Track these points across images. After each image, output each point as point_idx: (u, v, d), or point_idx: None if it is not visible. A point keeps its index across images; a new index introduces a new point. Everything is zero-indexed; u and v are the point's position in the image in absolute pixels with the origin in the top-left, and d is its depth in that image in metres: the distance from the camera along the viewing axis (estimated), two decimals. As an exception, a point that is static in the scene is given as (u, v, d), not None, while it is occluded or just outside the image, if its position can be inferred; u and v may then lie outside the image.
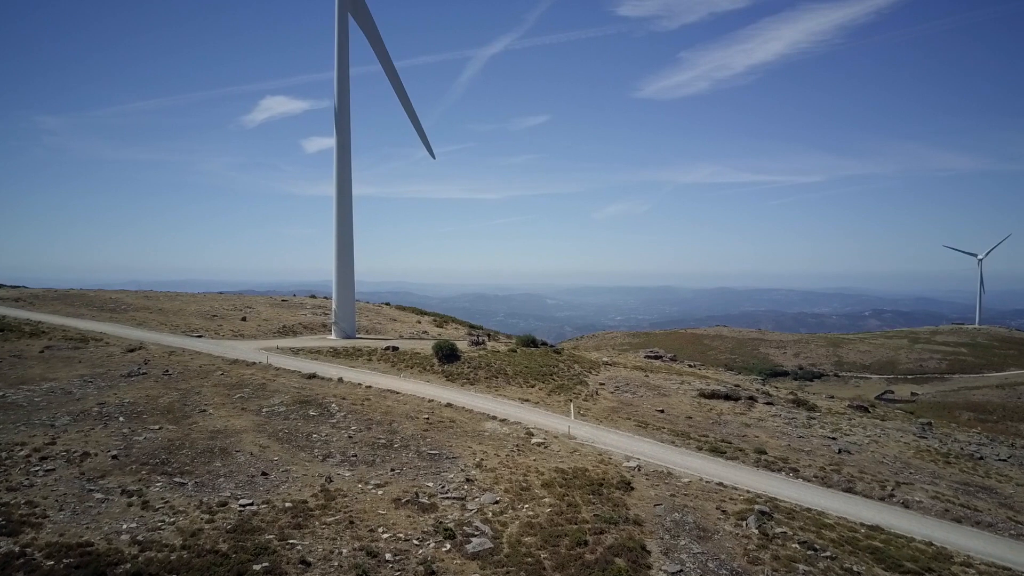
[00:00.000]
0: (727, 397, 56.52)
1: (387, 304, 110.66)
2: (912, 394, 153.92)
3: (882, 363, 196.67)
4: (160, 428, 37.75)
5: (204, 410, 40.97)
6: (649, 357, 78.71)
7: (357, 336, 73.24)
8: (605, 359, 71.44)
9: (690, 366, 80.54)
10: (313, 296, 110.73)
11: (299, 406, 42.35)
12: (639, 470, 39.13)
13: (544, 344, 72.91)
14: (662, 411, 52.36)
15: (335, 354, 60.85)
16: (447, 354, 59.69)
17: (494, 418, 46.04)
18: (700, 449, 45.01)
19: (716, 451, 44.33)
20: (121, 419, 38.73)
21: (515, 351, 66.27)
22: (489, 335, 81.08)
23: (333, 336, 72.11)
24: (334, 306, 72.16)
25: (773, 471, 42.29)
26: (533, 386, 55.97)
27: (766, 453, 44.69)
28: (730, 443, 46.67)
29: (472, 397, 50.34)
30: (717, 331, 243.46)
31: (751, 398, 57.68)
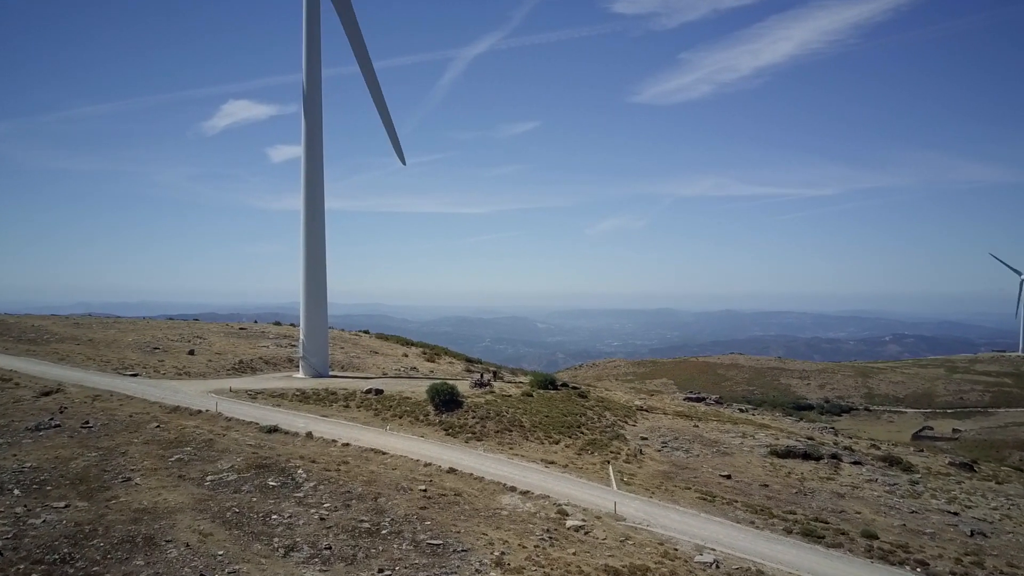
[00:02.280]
0: (806, 456, 49.42)
1: (365, 332, 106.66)
2: (954, 431, 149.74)
3: (917, 395, 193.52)
4: (67, 506, 32.67)
5: (129, 479, 36.26)
6: (691, 399, 72.67)
7: (330, 374, 70.32)
8: (637, 401, 64.84)
9: (740, 411, 73.43)
10: (277, 323, 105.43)
11: (255, 473, 37.71)
12: (717, 567, 31.63)
13: (565, 386, 66.11)
14: (728, 476, 44.80)
15: (303, 398, 56.32)
16: (446, 400, 53.85)
17: (513, 489, 39.31)
18: (789, 532, 37.40)
19: (811, 534, 36.50)
20: (16, 492, 34.06)
21: (530, 395, 60.46)
22: (495, 373, 74.43)
23: (301, 374, 69.04)
24: (302, 336, 69.18)
25: (893, 565, 34.59)
26: (558, 442, 49.61)
27: (877, 537, 36.83)
28: (826, 522, 38.96)
29: (481, 458, 44.88)
30: (732, 359, 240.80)
31: (834, 456, 50.53)
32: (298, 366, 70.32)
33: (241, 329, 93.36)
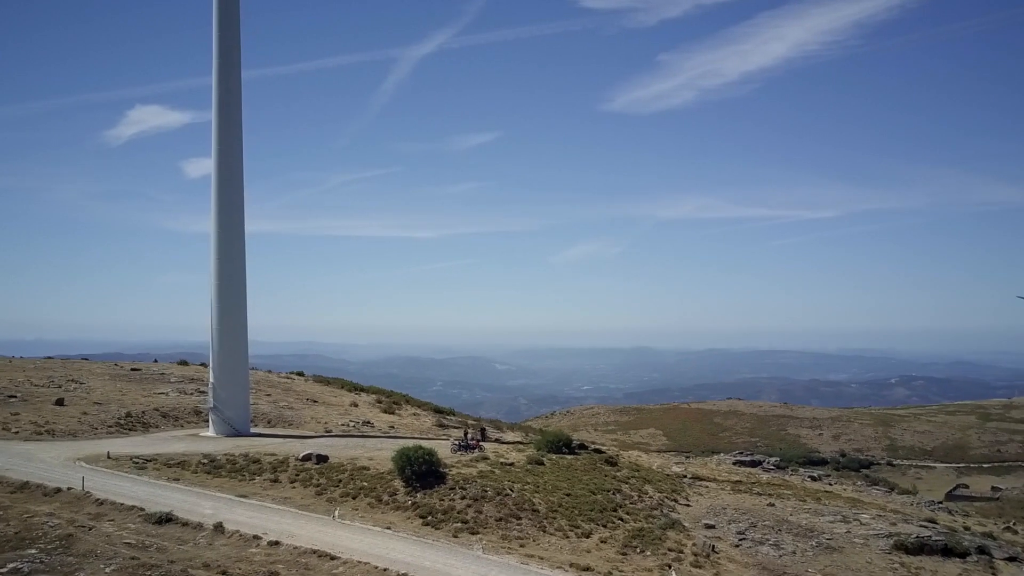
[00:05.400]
0: (946, 551, 41.59)
1: (299, 375, 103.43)
2: (993, 489, 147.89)
3: (947, 447, 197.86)
4: None
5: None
6: (742, 463, 66.70)
7: (253, 432, 67.06)
8: (676, 468, 59.84)
9: (812, 478, 66.71)
10: (183, 362, 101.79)
11: (132, 596, 34.51)
12: None
13: (584, 448, 59.88)
14: (848, 588, 35.08)
15: (212, 468, 51.57)
16: (421, 471, 47.34)
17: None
18: None
19: None
20: None
21: (540, 462, 53.80)
22: (483, 431, 68.34)
23: (211, 432, 65.64)
24: (212, 379, 66.38)
25: None
26: (589, 534, 42.40)
27: None
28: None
29: (481, 563, 38.69)
30: (730, 406, 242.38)
31: (982, 550, 42.39)
32: (208, 421, 66.82)
33: (134, 370, 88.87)
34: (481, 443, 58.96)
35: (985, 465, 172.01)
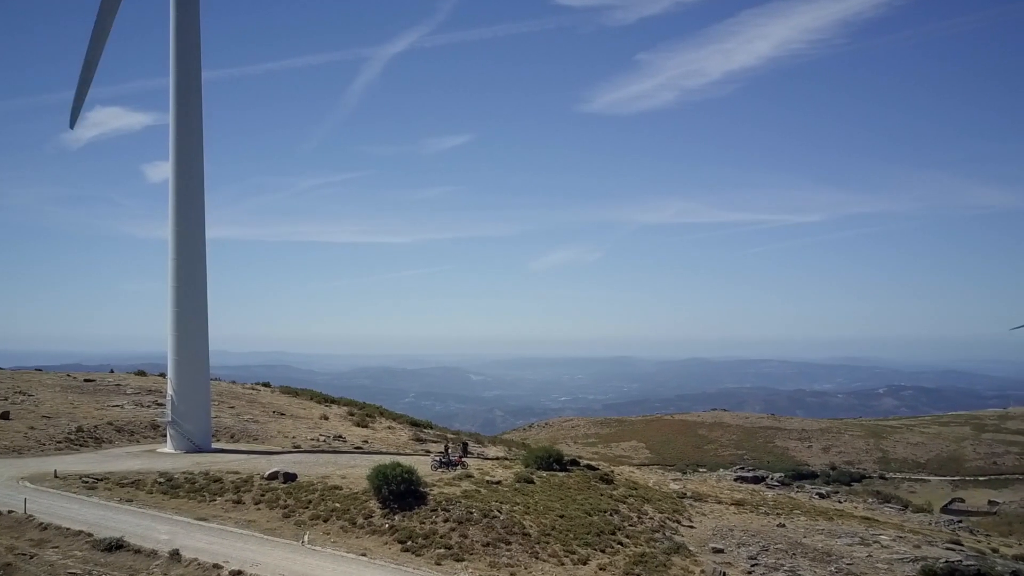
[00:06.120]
0: None
1: (266, 385, 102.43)
2: (990, 503, 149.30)
3: (942, 459, 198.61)
4: None
5: None
6: (744, 479, 65.39)
7: (214, 447, 66.30)
8: (674, 485, 59.10)
9: (820, 495, 65.72)
10: (141, 373, 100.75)
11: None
12: None
13: (576, 464, 58.29)
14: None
15: (170, 488, 50.48)
16: (399, 491, 45.70)
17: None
18: None
19: None
20: None
21: (529, 480, 52.01)
22: (466, 445, 66.78)
23: (169, 447, 64.89)
24: (170, 391, 65.40)
25: None
26: (586, 560, 40.84)
27: None
28: None
29: None
30: (715, 417, 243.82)
31: (1017, 575, 39.46)
32: (166, 435, 65.84)
33: (87, 381, 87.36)
34: (464, 459, 57.64)
35: (981, 478, 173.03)
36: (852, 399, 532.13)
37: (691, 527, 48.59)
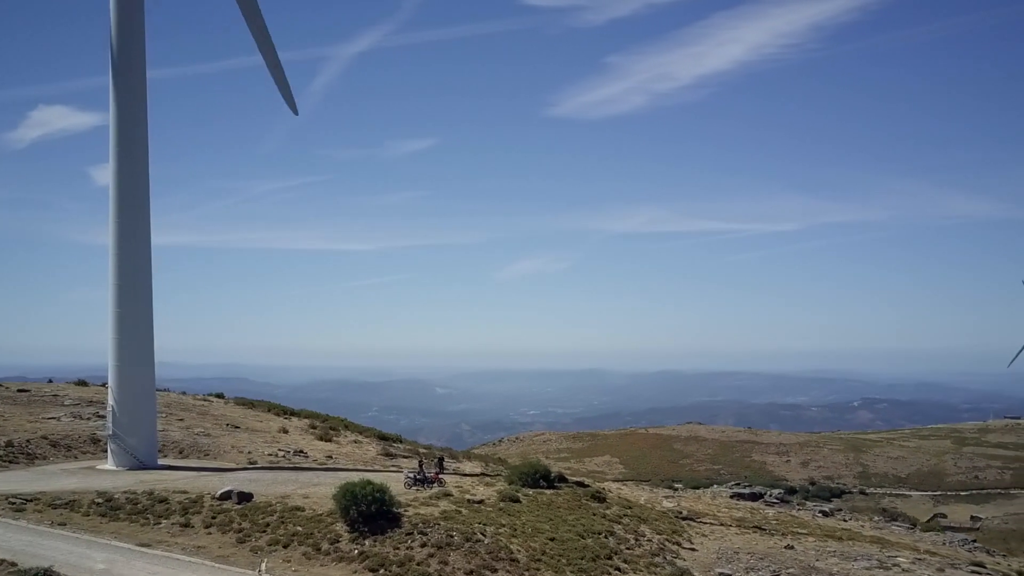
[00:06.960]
0: None
1: (219, 396, 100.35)
2: (972, 518, 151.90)
3: (923, 474, 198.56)
4: None
5: None
6: (740, 496, 63.63)
7: (161, 464, 63.74)
8: (668, 503, 57.19)
9: (822, 513, 63.86)
10: (82, 382, 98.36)
11: None
12: None
13: (564, 481, 56.39)
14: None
15: (109, 509, 47.96)
16: (369, 512, 43.33)
17: None
18: None
19: None
20: None
21: (515, 499, 49.94)
22: (442, 461, 66.33)
23: (110, 464, 62.01)
24: (111, 401, 63.22)
25: None
26: None
27: None
28: None
29: None
30: (690, 431, 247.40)
31: None
32: (107, 450, 63.32)
33: (21, 391, 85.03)
34: (441, 476, 55.71)
35: (963, 493, 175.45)
36: (826, 412, 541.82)
37: (692, 550, 47.07)
